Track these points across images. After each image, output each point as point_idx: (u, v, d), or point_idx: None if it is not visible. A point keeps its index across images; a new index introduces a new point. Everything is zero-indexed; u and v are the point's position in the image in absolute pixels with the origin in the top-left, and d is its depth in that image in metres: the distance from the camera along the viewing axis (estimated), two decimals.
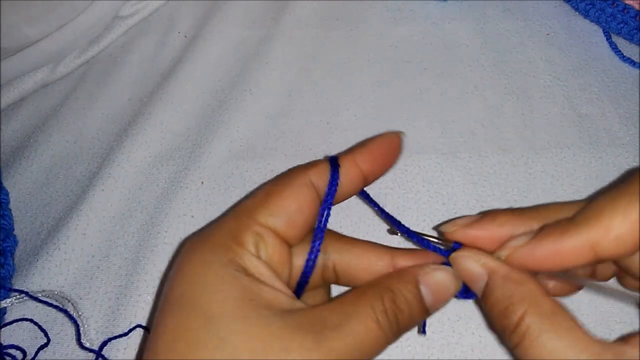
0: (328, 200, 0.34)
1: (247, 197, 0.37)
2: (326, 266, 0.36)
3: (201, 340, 0.29)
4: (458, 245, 0.35)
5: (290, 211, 0.33)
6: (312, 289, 0.36)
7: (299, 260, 0.35)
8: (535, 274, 0.32)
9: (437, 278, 0.33)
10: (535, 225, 0.33)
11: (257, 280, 0.31)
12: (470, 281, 0.33)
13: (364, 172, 0.36)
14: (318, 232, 0.34)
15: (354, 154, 0.36)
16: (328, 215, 0.34)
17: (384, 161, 0.37)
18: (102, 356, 0.41)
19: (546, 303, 0.30)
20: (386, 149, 0.36)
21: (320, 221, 0.34)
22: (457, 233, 0.34)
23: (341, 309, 0.31)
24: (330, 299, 0.36)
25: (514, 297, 0.30)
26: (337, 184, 0.34)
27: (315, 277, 0.35)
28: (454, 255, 0.34)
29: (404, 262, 0.35)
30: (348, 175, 0.35)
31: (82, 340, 0.42)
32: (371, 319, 0.30)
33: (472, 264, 0.33)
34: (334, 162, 0.35)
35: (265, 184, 0.35)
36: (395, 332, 0.31)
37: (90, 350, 0.42)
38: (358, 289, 0.32)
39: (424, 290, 0.33)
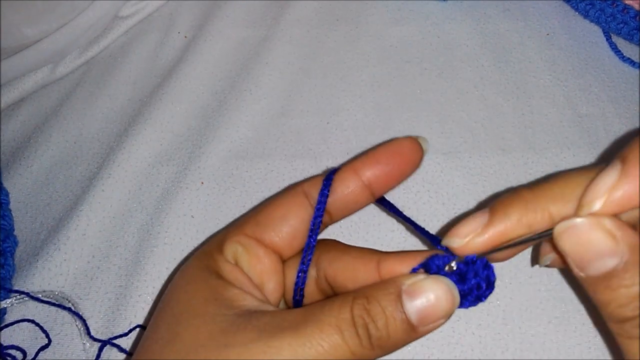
0: (318, 211, 0.32)
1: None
2: (319, 279, 0.34)
3: (162, 337, 0.30)
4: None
5: (276, 220, 0.32)
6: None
7: (293, 274, 0.33)
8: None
9: (427, 289, 0.28)
10: (552, 207, 0.28)
11: (227, 283, 0.31)
12: (593, 259, 0.26)
13: (366, 182, 0.33)
14: (307, 247, 0.32)
15: (354, 163, 0.33)
16: (318, 227, 0.32)
17: (393, 170, 0.33)
18: (115, 344, 0.42)
19: None
20: (394, 156, 0.33)
21: (310, 235, 0.32)
22: (469, 246, 0.29)
23: (304, 313, 0.28)
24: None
25: None
26: (327, 195, 0.32)
27: (311, 291, 0.34)
28: (565, 229, 0.26)
29: (390, 267, 0.31)
30: (347, 186, 0.33)
31: (91, 334, 0.42)
32: (330, 326, 0.27)
33: (601, 239, 0.25)
34: (329, 174, 0.33)
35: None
36: (367, 348, 0.27)
37: (101, 341, 0.42)
38: (331, 298, 0.29)
39: (408, 302, 0.28)
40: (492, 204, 0.30)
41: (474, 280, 0.30)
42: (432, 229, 0.46)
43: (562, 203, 0.28)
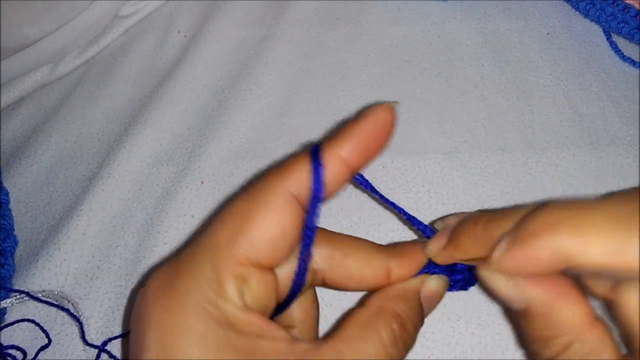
0: (310, 216, 0.29)
1: (220, 219, 0.29)
2: (315, 277, 0.32)
3: None
4: None
5: (273, 238, 0.28)
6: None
7: (283, 272, 0.31)
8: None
9: (433, 288, 0.33)
10: (493, 244, 0.29)
11: (251, 337, 0.27)
12: (505, 301, 0.29)
13: (349, 164, 0.30)
14: (301, 262, 0.30)
15: (336, 145, 0.29)
16: (312, 236, 0.30)
17: (373, 146, 0.30)
18: (107, 351, 0.42)
19: (590, 338, 0.27)
20: (374, 130, 0.30)
21: (306, 242, 0.30)
22: (437, 260, 0.33)
23: (350, 348, 0.28)
24: (328, 334, 0.30)
25: (557, 329, 0.27)
26: (320, 199, 0.29)
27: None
28: (481, 272, 0.29)
29: (399, 270, 0.32)
30: (332, 173, 0.29)
31: (85, 338, 0.42)
32: (380, 353, 0.28)
33: (506, 288, 0.28)
34: (316, 164, 0.29)
35: (237, 200, 0.29)
36: (403, 355, 0.30)
37: (95, 346, 0.42)
38: (361, 320, 0.29)
39: (426, 309, 0.32)
40: (454, 228, 0.32)
41: (459, 277, 0.34)
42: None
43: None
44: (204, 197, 0.48)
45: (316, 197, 0.29)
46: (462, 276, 0.34)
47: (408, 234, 0.46)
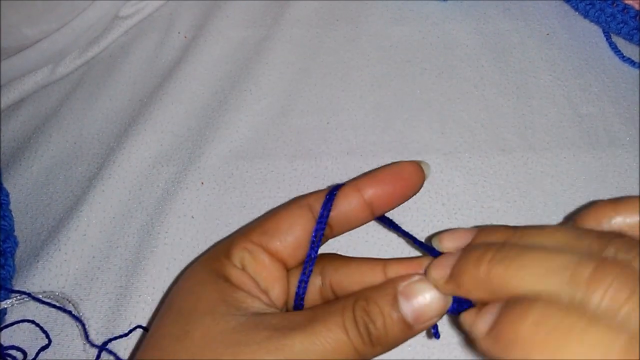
0: (320, 224, 0.34)
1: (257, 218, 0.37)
2: (324, 287, 0.35)
3: (169, 334, 0.31)
4: None
5: (282, 230, 0.33)
6: None
7: (296, 283, 0.34)
8: None
9: (421, 290, 0.30)
10: None
11: (235, 286, 0.32)
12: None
13: (367, 200, 0.34)
14: (309, 256, 0.34)
15: (357, 181, 0.35)
16: (320, 239, 0.34)
17: (393, 191, 0.34)
18: (108, 350, 0.42)
19: None
20: (395, 178, 0.34)
21: (312, 246, 0.34)
22: (444, 289, 0.31)
23: (312, 313, 0.30)
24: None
25: None
26: (329, 208, 0.34)
27: (314, 301, 0.35)
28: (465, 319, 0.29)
29: (396, 271, 0.33)
30: (349, 202, 0.34)
31: (89, 338, 0.42)
32: (337, 325, 0.29)
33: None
34: (333, 189, 0.35)
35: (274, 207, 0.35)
36: (369, 346, 0.30)
37: (97, 346, 0.42)
38: (338, 298, 0.32)
39: (403, 303, 0.30)
40: (455, 263, 0.30)
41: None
42: (432, 230, 0.46)
43: None
44: (204, 198, 0.48)
45: (329, 199, 0.34)
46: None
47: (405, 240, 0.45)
